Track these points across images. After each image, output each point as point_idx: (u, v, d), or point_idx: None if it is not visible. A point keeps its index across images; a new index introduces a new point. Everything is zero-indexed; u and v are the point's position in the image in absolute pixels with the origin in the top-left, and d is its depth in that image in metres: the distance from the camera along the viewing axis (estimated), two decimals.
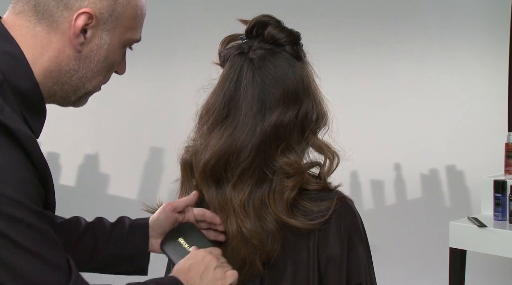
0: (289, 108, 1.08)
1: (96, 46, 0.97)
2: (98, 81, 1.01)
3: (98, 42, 0.96)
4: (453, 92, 3.53)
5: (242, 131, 1.07)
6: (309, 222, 1.06)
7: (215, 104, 1.10)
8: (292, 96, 1.08)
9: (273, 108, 1.07)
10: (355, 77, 3.62)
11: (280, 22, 1.14)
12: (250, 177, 1.08)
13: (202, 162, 1.10)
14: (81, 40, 0.95)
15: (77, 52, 0.96)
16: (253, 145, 1.06)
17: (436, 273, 3.19)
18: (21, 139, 0.84)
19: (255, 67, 1.09)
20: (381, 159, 3.53)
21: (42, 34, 0.94)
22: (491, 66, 3.44)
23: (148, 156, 3.78)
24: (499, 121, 3.31)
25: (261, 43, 1.12)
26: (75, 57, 0.96)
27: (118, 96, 3.78)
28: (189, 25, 3.73)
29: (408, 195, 3.63)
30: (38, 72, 0.94)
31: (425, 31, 3.59)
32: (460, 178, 3.52)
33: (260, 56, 1.10)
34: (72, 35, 0.94)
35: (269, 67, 1.09)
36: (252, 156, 1.06)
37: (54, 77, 0.96)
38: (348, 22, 3.61)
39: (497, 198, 2.61)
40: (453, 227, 2.63)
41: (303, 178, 1.07)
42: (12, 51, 0.93)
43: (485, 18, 3.49)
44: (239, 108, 1.08)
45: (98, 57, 0.97)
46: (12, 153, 0.83)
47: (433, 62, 3.56)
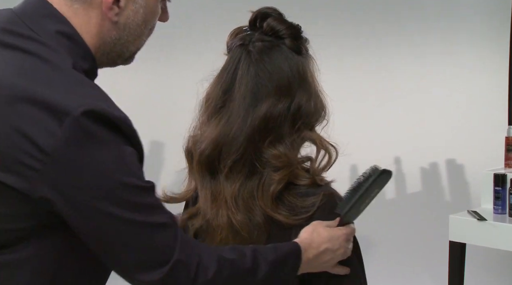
0: (280, 100, 1.07)
1: (133, 12, 0.98)
2: (141, 41, 1.03)
3: (134, 8, 0.97)
4: (453, 86, 3.52)
5: (234, 122, 1.08)
6: (293, 217, 1.06)
7: (213, 94, 1.12)
8: (284, 89, 1.08)
9: (264, 100, 1.07)
10: (356, 72, 3.62)
11: (282, 14, 1.14)
12: (241, 169, 1.08)
13: (198, 151, 1.11)
14: (116, 11, 0.96)
15: (114, 23, 0.97)
16: (244, 137, 1.07)
17: (436, 266, 3.19)
18: (123, 127, 0.88)
19: (251, 60, 1.10)
20: (381, 154, 3.53)
21: (81, 11, 0.94)
22: (491, 60, 3.44)
23: (147, 149, 3.78)
24: (499, 114, 3.31)
25: (261, 35, 1.12)
26: (115, 27, 0.97)
27: (117, 90, 3.77)
28: (188, 18, 3.72)
29: (408, 189, 3.63)
30: (91, 48, 0.96)
31: (425, 25, 3.59)
32: (460, 171, 3.52)
33: (258, 49, 1.10)
34: (105, 8, 0.95)
35: (265, 60, 1.09)
36: (243, 148, 1.07)
37: (101, 49, 0.98)
38: (348, 18, 3.60)
39: (497, 192, 2.61)
40: (453, 221, 2.63)
41: (291, 171, 1.07)
42: (68, 31, 0.93)
43: (485, 12, 3.48)
44: (233, 99, 1.09)
45: (137, 22, 0.99)
46: (118, 141, 0.87)
47: (433, 57, 3.56)
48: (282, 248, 1.01)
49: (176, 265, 0.89)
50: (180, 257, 0.90)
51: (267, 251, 0.99)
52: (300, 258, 1.01)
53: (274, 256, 0.98)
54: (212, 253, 0.94)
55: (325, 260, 1.04)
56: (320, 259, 1.04)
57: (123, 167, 0.87)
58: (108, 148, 0.86)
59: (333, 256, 1.05)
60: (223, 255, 0.95)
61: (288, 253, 1.00)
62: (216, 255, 0.94)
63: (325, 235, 1.04)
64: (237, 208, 1.08)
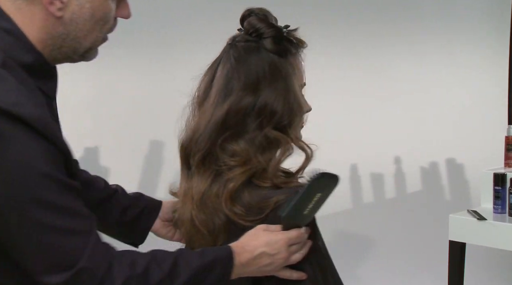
0: (244, 97, 1.07)
1: (78, 7, 0.96)
2: (95, 36, 1.01)
3: (78, 3, 0.96)
4: (453, 85, 3.52)
5: (204, 118, 1.09)
6: (246, 217, 1.06)
7: (198, 89, 1.14)
8: (252, 86, 1.08)
9: (230, 97, 1.08)
10: (355, 72, 3.62)
11: (266, 15, 1.13)
12: (209, 166, 1.09)
13: (179, 145, 1.14)
14: (58, 6, 0.95)
15: (59, 17, 0.96)
16: (208, 133, 1.08)
17: (435, 266, 3.19)
18: (35, 125, 0.86)
19: (229, 58, 1.11)
20: (381, 153, 3.53)
21: (23, 6, 0.95)
22: (491, 59, 3.44)
23: (148, 149, 3.78)
24: (499, 114, 3.31)
25: (245, 34, 1.13)
26: (60, 22, 0.97)
27: (118, 89, 3.78)
28: (188, 17, 3.72)
29: (408, 188, 3.63)
30: (35, 42, 0.96)
31: (425, 24, 3.59)
32: (460, 171, 3.52)
33: (237, 48, 1.11)
34: (46, 3, 0.95)
35: (241, 59, 1.10)
36: (208, 144, 1.08)
37: (50, 44, 0.97)
38: (347, 16, 3.60)
39: (497, 191, 2.61)
40: (453, 220, 2.63)
41: (250, 169, 1.06)
42: (7, 27, 0.94)
43: (485, 11, 3.48)
44: (210, 96, 1.11)
45: (84, 17, 0.97)
46: (29, 139, 0.86)
47: (433, 55, 3.56)
48: (210, 253, 1.01)
49: (80, 272, 0.89)
50: (86, 265, 0.89)
51: (193, 257, 0.99)
52: (232, 262, 1.01)
53: (199, 262, 0.98)
54: (125, 262, 0.93)
55: (263, 264, 1.03)
56: (257, 263, 1.03)
57: (34, 167, 0.86)
58: (19, 147, 0.85)
59: (272, 260, 1.03)
60: (138, 263, 0.94)
61: (216, 258, 1.00)
62: (130, 264, 0.93)
63: (263, 239, 1.03)
64: (200, 207, 1.09)
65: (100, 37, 1.02)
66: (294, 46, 1.13)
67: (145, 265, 0.94)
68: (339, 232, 3.56)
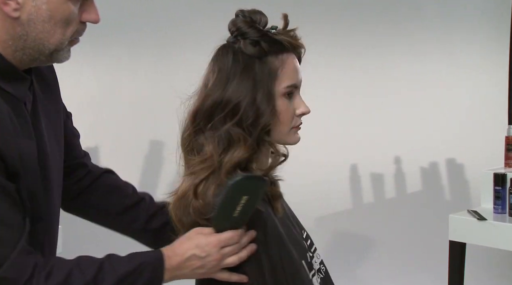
0: (213, 92, 1.09)
1: (34, 8, 0.96)
2: (58, 38, 1.00)
3: (34, 4, 0.96)
4: (453, 86, 3.52)
5: (186, 114, 1.14)
6: (201, 216, 1.06)
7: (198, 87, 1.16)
8: (222, 82, 1.09)
9: (203, 92, 1.11)
10: (355, 71, 3.62)
11: (251, 16, 1.12)
12: (187, 162, 1.11)
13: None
14: (13, 6, 0.95)
15: (15, 18, 0.96)
16: (187, 127, 1.11)
17: (435, 266, 3.19)
18: None
19: (213, 58, 1.13)
20: (381, 153, 3.53)
21: None
22: (491, 59, 3.44)
23: (148, 149, 3.78)
24: (499, 114, 3.31)
25: (230, 34, 1.15)
26: (18, 23, 0.97)
27: (118, 89, 3.78)
28: (188, 18, 3.72)
29: (408, 189, 3.63)
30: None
31: (425, 25, 3.59)
32: (460, 171, 3.52)
33: (221, 47, 1.14)
34: (1, 4, 0.95)
35: (218, 59, 1.12)
36: (184, 140, 1.11)
37: (11, 45, 0.98)
38: (348, 17, 3.60)
39: (497, 191, 2.61)
40: (453, 220, 2.63)
41: (207, 166, 1.06)
42: None
43: (485, 11, 3.48)
44: (195, 93, 1.14)
45: (41, 18, 0.97)
46: None
47: (433, 55, 3.56)
48: (138, 257, 1.01)
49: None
50: (5, 275, 0.90)
51: (121, 262, 0.99)
52: (163, 266, 1.01)
53: (126, 268, 0.98)
54: (46, 271, 0.93)
55: (195, 266, 1.02)
56: (188, 266, 1.02)
57: None
58: None
59: (203, 263, 1.02)
60: (60, 270, 0.94)
61: (144, 263, 1.00)
62: (50, 272, 0.93)
63: (194, 241, 1.03)
64: (178, 204, 1.09)
65: (65, 39, 1.00)
66: (278, 47, 1.11)
67: (67, 272, 0.94)
68: (339, 232, 3.57)
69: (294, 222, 1.20)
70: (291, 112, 1.12)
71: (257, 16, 1.13)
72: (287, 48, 1.12)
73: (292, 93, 1.12)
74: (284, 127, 1.12)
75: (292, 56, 1.12)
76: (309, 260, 1.14)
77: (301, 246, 1.14)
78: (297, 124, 1.14)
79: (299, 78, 1.13)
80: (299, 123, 1.14)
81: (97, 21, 1.04)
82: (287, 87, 1.11)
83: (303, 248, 1.15)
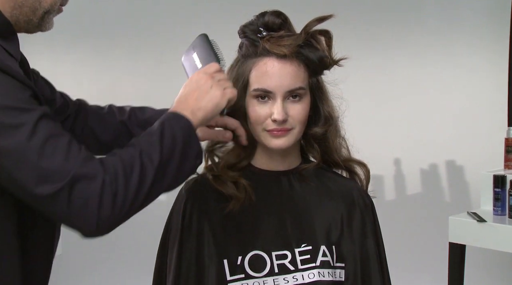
0: None
1: None
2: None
3: None
4: (453, 87, 3.53)
5: None
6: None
7: None
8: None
9: None
10: (355, 72, 3.61)
11: (253, 19, 1.16)
12: None
13: None
14: None
15: None
16: None
17: (435, 268, 3.19)
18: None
19: None
20: (381, 154, 3.53)
21: None
22: (491, 61, 3.44)
23: None
24: (499, 115, 3.31)
25: None
26: None
27: (118, 90, 3.78)
28: (187, 21, 3.72)
29: (407, 190, 3.63)
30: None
31: (425, 26, 3.59)
32: (460, 173, 3.52)
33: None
34: None
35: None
36: None
37: (10, 1, 1.01)
38: (347, 18, 3.60)
39: (497, 193, 2.61)
40: (453, 222, 2.63)
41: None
42: None
43: (485, 12, 3.48)
44: None
45: None
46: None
47: (433, 57, 3.56)
48: (172, 131, 0.99)
49: (76, 180, 0.87)
50: (81, 171, 0.88)
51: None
52: (190, 125, 1.00)
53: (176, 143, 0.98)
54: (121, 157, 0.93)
55: (194, 97, 1.02)
56: (193, 98, 1.03)
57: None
58: None
59: (197, 88, 1.03)
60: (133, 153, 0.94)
61: (178, 134, 0.98)
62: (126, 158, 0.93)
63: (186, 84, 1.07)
64: None
65: (53, 5, 1.05)
66: (254, 50, 1.13)
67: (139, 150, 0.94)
68: None
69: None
70: (259, 114, 1.13)
71: (264, 18, 1.14)
72: (263, 53, 1.12)
73: (265, 96, 1.12)
74: (256, 127, 1.14)
75: (271, 60, 1.12)
76: (244, 264, 1.12)
77: (238, 245, 1.13)
78: (268, 128, 1.13)
79: (270, 83, 1.11)
80: (270, 127, 1.12)
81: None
82: (254, 90, 1.12)
83: (240, 248, 1.13)
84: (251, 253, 1.13)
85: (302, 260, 1.14)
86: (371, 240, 1.20)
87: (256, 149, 1.20)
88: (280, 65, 1.11)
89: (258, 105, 1.13)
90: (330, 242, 1.16)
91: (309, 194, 1.20)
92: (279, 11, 1.16)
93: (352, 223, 1.19)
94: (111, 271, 3.60)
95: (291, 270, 1.13)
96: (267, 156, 1.20)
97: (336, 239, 1.17)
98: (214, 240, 1.13)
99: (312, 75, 1.17)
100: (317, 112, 1.21)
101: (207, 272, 1.11)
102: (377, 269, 1.19)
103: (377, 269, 1.19)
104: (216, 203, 1.16)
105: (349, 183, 1.26)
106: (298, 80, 1.12)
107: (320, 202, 1.20)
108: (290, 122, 1.13)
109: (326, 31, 1.18)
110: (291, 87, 1.11)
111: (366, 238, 1.20)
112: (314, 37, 1.16)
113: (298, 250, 1.14)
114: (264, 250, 1.13)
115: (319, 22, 1.17)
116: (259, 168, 1.21)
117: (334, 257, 1.16)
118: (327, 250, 1.15)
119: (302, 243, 1.15)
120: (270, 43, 1.12)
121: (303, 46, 1.13)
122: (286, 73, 1.11)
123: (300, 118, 1.14)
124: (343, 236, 1.18)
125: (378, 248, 1.21)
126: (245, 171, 1.20)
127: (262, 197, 1.18)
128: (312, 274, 1.13)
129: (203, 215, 1.15)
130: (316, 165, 1.23)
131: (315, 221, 1.18)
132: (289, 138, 1.14)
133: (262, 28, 1.14)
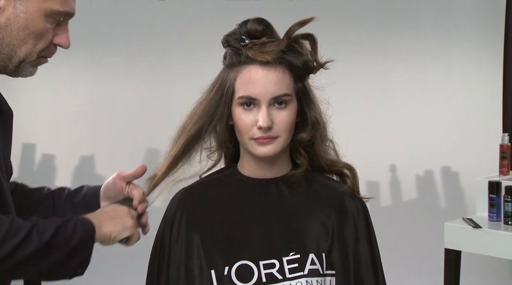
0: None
1: (13, 15, 1.02)
2: (28, 49, 1.05)
3: (13, 11, 1.02)
4: (448, 94, 3.54)
5: None
6: None
7: None
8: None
9: None
10: (351, 80, 3.63)
11: (236, 28, 1.15)
12: None
13: None
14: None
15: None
16: None
17: (431, 273, 3.19)
18: None
19: None
20: (376, 160, 3.53)
21: None
22: (486, 67, 3.46)
23: (144, 157, 3.78)
24: (494, 122, 3.33)
25: None
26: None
27: (114, 97, 3.78)
28: (185, 25, 3.73)
29: (403, 196, 3.63)
30: None
31: (420, 32, 3.61)
32: (455, 179, 3.53)
33: None
34: None
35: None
36: None
37: None
38: (344, 25, 3.61)
39: (492, 199, 2.62)
40: (448, 228, 2.64)
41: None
42: None
43: (479, 19, 3.50)
44: None
45: (17, 25, 1.03)
46: None
47: (428, 63, 3.57)
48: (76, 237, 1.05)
49: None
50: None
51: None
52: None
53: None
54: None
55: (110, 215, 1.14)
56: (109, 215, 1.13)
57: None
58: None
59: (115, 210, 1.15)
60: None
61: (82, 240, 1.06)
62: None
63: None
64: None
65: (35, 52, 1.06)
66: (238, 59, 1.13)
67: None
68: None
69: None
70: (245, 122, 1.12)
71: (247, 26, 1.13)
72: (247, 61, 1.12)
73: (250, 104, 1.12)
74: (242, 136, 1.14)
75: (255, 68, 1.11)
76: (231, 275, 1.12)
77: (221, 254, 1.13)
78: (254, 136, 1.12)
79: (254, 91, 1.10)
80: (257, 135, 1.11)
81: (66, 46, 1.10)
82: (239, 98, 1.12)
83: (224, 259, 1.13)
84: (238, 263, 1.12)
85: (290, 269, 1.12)
86: (363, 245, 1.18)
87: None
88: (263, 72, 1.10)
89: (243, 113, 1.12)
90: (320, 249, 1.14)
91: (299, 201, 1.19)
92: (261, 18, 1.14)
93: (344, 230, 1.18)
94: (108, 273, 3.58)
95: (279, 279, 1.12)
96: (255, 163, 1.18)
97: (327, 247, 1.15)
98: (203, 251, 1.13)
99: (297, 80, 1.15)
100: (304, 118, 1.19)
101: (196, 283, 1.12)
102: (371, 274, 1.18)
103: (371, 274, 1.18)
104: (204, 214, 1.17)
105: (340, 187, 1.24)
106: (282, 86, 1.11)
107: (310, 209, 1.18)
108: (275, 130, 1.11)
109: (309, 35, 1.17)
110: (275, 93, 1.10)
111: (358, 243, 1.18)
112: (297, 42, 1.14)
113: (286, 259, 1.13)
114: (251, 259, 1.12)
115: (301, 26, 1.15)
116: (247, 176, 1.19)
117: (324, 265, 1.14)
118: (316, 258, 1.13)
119: (291, 252, 1.14)
120: (252, 50, 1.11)
121: (286, 52, 1.12)
122: (270, 79, 1.10)
123: (286, 125, 1.12)
124: (334, 243, 1.16)
125: (372, 252, 1.20)
126: (233, 179, 1.20)
127: (250, 206, 1.17)
128: (300, 283, 1.11)
129: (191, 226, 1.16)
130: (304, 171, 1.21)
131: (305, 228, 1.16)
132: (276, 145, 1.12)
133: (245, 36, 1.13)
